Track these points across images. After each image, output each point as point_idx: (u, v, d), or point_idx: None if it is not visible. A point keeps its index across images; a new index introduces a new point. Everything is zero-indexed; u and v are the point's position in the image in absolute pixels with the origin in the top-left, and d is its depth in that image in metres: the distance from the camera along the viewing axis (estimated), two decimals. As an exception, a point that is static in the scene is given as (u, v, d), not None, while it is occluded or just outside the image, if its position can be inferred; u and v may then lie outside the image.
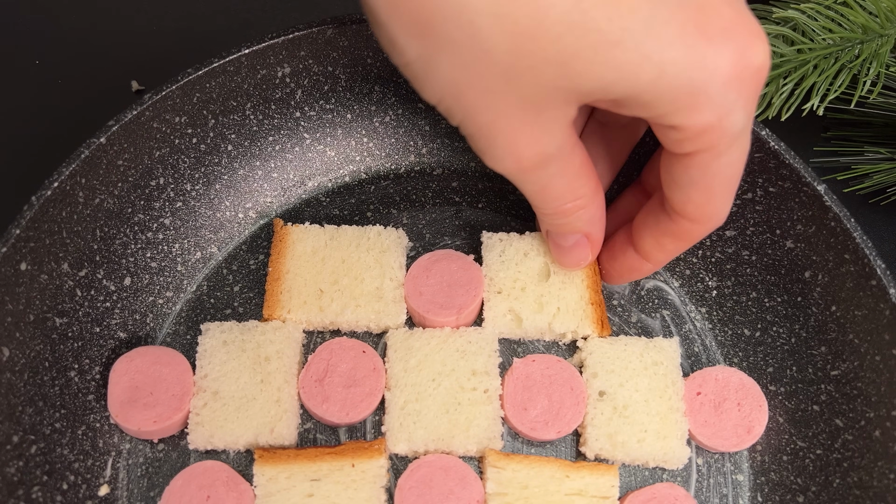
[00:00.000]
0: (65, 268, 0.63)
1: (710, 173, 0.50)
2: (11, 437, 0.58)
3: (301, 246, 0.70)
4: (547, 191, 0.54)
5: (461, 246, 0.74)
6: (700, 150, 0.48)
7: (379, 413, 0.67)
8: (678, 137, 0.48)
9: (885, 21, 0.70)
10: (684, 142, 0.48)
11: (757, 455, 0.67)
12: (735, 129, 0.47)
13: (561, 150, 0.50)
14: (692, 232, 0.56)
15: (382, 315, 0.68)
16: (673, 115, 0.46)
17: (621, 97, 0.46)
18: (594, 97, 0.46)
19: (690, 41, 0.43)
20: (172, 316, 0.70)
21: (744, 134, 0.48)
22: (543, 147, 0.49)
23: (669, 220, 0.56)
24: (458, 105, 0.47)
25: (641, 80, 0.44)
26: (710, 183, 0.51)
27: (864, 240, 0.62)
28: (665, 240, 0.58)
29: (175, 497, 0.61)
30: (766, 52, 0.45)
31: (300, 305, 0.68)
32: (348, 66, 0.71)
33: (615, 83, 0.44)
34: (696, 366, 0.71)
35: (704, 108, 0.45)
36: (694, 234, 0.56)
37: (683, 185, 0.51)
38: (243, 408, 0.64)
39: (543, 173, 0.51)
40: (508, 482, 0.62)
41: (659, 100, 0.45)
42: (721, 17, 0.44)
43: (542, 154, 0.49)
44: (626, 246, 0.63)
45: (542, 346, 0.70)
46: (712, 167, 0.49)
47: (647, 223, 0.59)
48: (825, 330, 0.65)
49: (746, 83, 0.45)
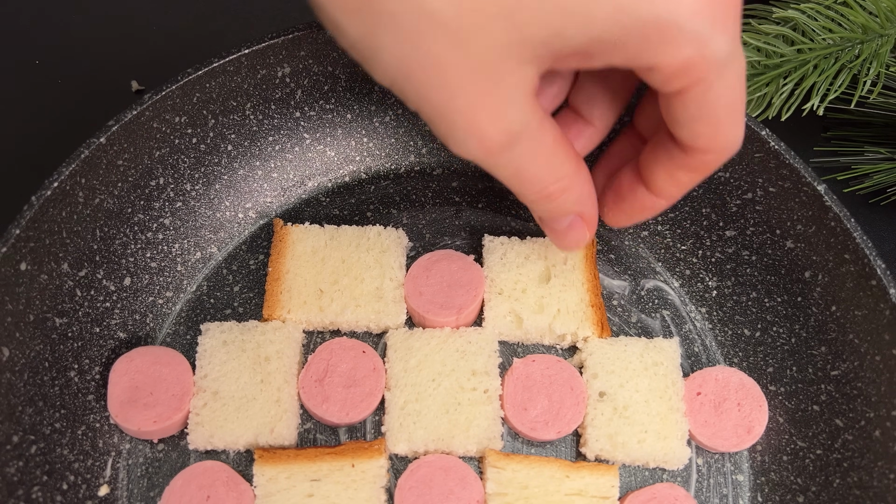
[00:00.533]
0: (65, 268, 0.63)
1: (709, 105, 0.46)
2: (11, 437, 0.58)
3: (301, 246, 0.70)
4: (523, 174, 0.50)
5: (461, 246, 0.74)
6: (690, 86, 0.45)
7: (379, 413, 0.67)
8: (661, 77, 0.45)
9: (885, 21, 0.70)
10: (670, 80, 0.45)
11: (757, 455, 0.67)
12: (720, 56, 0.43)
13: (528, 125, 0.46)
14: (709, 162, 0.51)
15: (382, 315, 0.68)
16: (645, 55, 0.43)
17: (581, 45, 0.42)
18: (552, 50, 0.43)
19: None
20: (172, 316, 0.70)
21: (733, 57, 0.44)
22: (508, 123, 0.45)
23: (683, 154, 0.51)
24: (410, 85, 0.44)
25: (597, 20, 0.41)
26: (713, 114, 0.47)
27: (864, 240, 0.62)
28: (680, 173, 0.53)
29: (175, 497, 0.61)
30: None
31: (300, 305, 0.68)
32: (348, 66, 0.71)
33: (567, 28, 0.41)
34: (696, 366, 0.71)
35: (678, 41, 0.42)
36: (712, 164, 0.52)
37: (686, 121, 0.48)
38: (243, 408, 0.64)
39: (514, 154, 0.48)
40: (508, 482, 0.62)
41: (624, 40, 0.42)
42: None
43: (508, 131, 0.46)
44: (635, 185, 0.57)
45: (542, 346, 0.70)
46: (709, 99, 0.46)
47: (659, 158, 0.54)
48: (825, 330, 0.65)
49: (720, 5, 0.42)
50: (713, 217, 0.72)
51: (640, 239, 0.76)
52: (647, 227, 0.75)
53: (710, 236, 0.72)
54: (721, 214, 0.71)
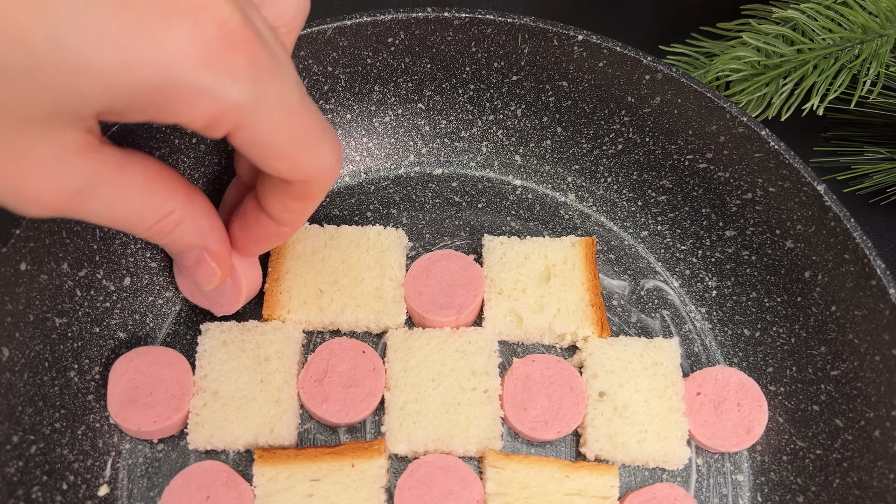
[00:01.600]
0: (64, 268, 0.63)
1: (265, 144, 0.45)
2: (11, 437, 0.58)
3: (301, 246, 0.70)
4: (118, 218, 0.47)
5: (461, 246, 0.74)
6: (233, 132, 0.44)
7: (379, 413, 0.67)
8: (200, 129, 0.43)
9: (885, 21, 0.70)
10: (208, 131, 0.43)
11: (757, 455, 0.67)
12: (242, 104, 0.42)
13: (97, 176, 0.44)
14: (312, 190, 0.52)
15: (382, 315, 0.68)
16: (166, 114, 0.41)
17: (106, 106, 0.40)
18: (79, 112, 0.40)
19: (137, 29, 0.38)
20: (172, 316, 0.70)
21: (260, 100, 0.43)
22: (65, 183, 0.43)
23: (285, 185, 0.51)
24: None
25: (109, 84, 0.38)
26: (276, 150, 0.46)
27: (864, 240, 0.62)
28: (289, 202, 0.53)
29: (175, 497, 0.61)
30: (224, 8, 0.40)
31: (300, 305, 0.68)
32: (348, 66, 0.71)
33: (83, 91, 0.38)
34: (696, 366, 0.71)
35: (190, 100, 0.40)
36: (315, 190, 0.52)
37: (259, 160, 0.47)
38: (243, 408, 0.64)
39: (96, 204, 0.45)
40: (508, 482, 0.62)
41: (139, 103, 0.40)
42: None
43: (69, 189, 0.43)
44: (258, 213, 0.56)
45: (542, 346, 0.70)
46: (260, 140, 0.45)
47: (269, 189, 0.54)
48: (825, 330, 0.65)
49: (221, 55, 0.40)
50: (713, 217, 0.72)
51: (640, 239, 0.76)
52: (647, 227, 0.75)
53: (710, 236, 0.72)
54: (721, 214, 0.71)
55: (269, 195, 0.54)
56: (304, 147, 0.48)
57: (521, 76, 0.73)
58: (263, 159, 0.47)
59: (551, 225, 0.76)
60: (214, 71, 0.40)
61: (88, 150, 0.43)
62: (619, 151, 0.74)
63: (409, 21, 0.68)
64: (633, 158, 0.74)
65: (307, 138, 0.48)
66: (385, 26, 0.69)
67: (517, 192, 0.78)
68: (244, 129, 0.44)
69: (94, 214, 0.46)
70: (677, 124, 0.70)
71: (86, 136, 0.43)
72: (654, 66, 0.67)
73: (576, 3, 0.97)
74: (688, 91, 0.67)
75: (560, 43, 0.69)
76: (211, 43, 0.39)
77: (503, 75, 0.73)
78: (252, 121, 0.43)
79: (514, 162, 0.78)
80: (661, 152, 0.72)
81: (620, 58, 0.68)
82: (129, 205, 0.47)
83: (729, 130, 0.67)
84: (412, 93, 0.75)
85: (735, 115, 0.66)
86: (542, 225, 0.76)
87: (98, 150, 0.44)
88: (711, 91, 0.66)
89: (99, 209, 0.46)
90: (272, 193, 0.53)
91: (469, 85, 0.74)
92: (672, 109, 0.69)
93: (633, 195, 0.76)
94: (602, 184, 0.76)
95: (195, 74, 0.39)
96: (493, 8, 0.69)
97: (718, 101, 0.66)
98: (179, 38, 0.39)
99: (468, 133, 0.77)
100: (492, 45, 0.70)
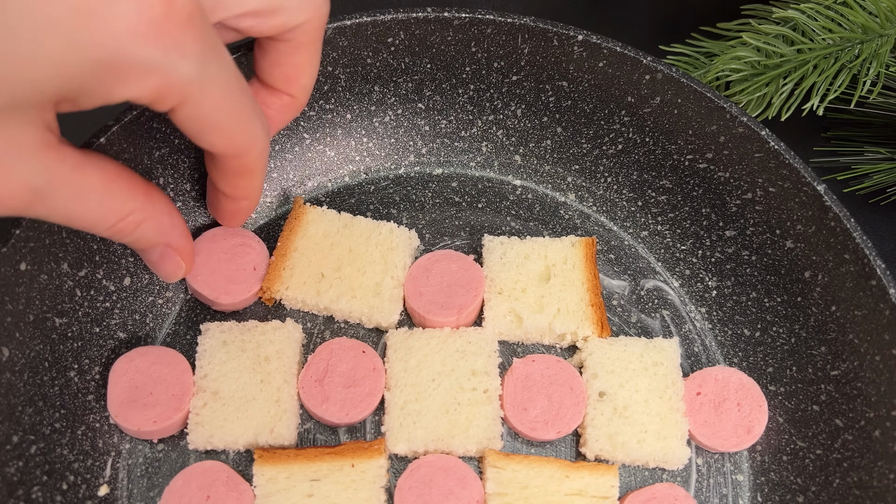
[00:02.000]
0: (64, 268, 0.63)
1: (205, 120, 0.47)
2: (11, 437, 0.58)
3: (314, 227, 0.71)
4: (76, 218, 0.48)
5: (461, 246, 0.74)
6: (177, 107, 0.45)
7: (379, 413, 0.67)
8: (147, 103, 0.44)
9: (884, 21, 0.70)
10: (155, 105, 0.45)
11: (757, 455, 0.67)
12: (189, 78, 0.43)
13: (55, 176, 0.44)
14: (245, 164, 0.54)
15: (376, 311, 0.68)
16: (117, 91, 0.42)
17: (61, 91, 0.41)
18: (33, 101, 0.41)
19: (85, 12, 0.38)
20: (172, 316, 0.70)
21: (206, 74, 0.44)
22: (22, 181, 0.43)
23: (223, 162, 0.54)
24: None
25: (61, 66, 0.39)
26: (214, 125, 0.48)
27: (864, 240, 0.62)
28: (231, 179, 0.57)
29: (175, 497, 0.61)
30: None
31: (299, 285, 0.68)
32: (348, 66, 0.71)
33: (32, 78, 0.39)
34: (696, 366, 0.71)
35: (137, 75, 0.41)
36: (249, 165, 0.54)
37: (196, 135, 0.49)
38: (243, 408, 0.64)
39: (53, 204, 0.45)
40: (508, 482, 0.62)
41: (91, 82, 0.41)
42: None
43: (27, 188, 0.43)
44: (216, 193, 0.61)
45: (542, 346, 0.70)
46: (202, 114, 0.47)
47: (213, 169, 0.57)
48: (825, 330, 0.65)
49: (169, 32, 0.41)
50: (713, 217, 0.72)
51: (640, 239, 0.76)
52: (647, 227, 0.75)
53: (710, 236, 0.72)
54: (721, 214, 0.71)
55: (215, 176, 0.58)
56: (240, 123, 0.50)
57: (521, 76, 0.73)
58: (201, 134, 0.49)
59: (551, 225, 0.76)
60: (163, 47, 0.41)
61: (46, 149, 0.44)
62: (619, 151, 0.74)
63: (409, 21, 0.68)
64: (633, 158, 0.74)
65: (244, 115, 0.50)
66: (385, 26, 0.69)
67: (517, 192, 0.78)
68: (187, 104, 0.45)
69: (50, 214, 0.46)
70: (677, 124, 0.70)
71: (44, 134, 0.43)
72: (654, 66, 0.67)
73: (576, 3, 0.97)
74: (688, 91, 0.67)
75: (560, 43, 0.69)
76: (158, 20, 0.40)
77: (503, 75, 0.73)
78: (196, 97, 0.45)
79: (514, 162, 0.78)
80: (661, 152, 0.72)
81: (620, 58, 0.68)
82: (87, 205, 0.48)
83: (729, 130, 0.67)
84: (412, 93, 0.75)
85: (735, 115, 0.66)
86: (542, 225, 0.76)
87: (57, 148, 0.44)
88: (711, 91, 0.66)
89: (56, 209, 0.46)
90: (217, 174, 0.57)
91: (469, 85, 0.74)
92: (672, 109, 0.69)
93: (633, 195, 0.76)
94: (602, 184, 0.76)
95: (143, 50, 0.40)
96: (493, 8, 0.69)
97: (718, 101, 0.66)
98: (127, 15, 0.39)
99: (468, 133, 0.77)
100: (492, 45, 0.70)
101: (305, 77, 0.58)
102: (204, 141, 0.50)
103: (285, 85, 0.58)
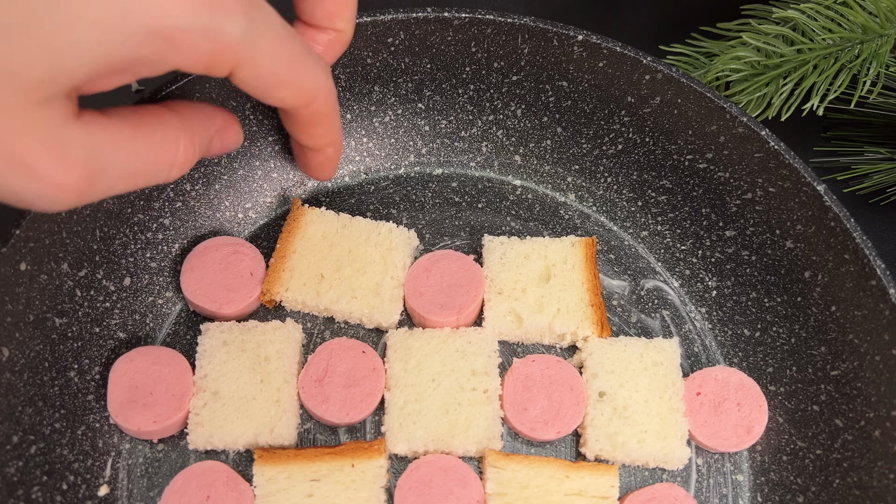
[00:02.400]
0: (64, 268, 0.63)
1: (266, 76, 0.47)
2: (11, 437, 0.58)
3: (313, 229, 0.71)
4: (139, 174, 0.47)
5: (461, 246, 0.74)
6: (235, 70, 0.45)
7: (379, 413, 0.67)
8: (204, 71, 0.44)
9: (884, 21, 0.70)
10: (212, 71, 0.44)
11: (757, 455, 0.67)
12: (240, 38, 0.43)
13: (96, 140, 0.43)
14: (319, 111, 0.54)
15: (376, 311, 0.68)
16: (169, 62, 0.42)
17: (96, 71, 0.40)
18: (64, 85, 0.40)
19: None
20: (172, 316, 0.70)
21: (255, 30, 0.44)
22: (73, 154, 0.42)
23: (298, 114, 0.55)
24: None
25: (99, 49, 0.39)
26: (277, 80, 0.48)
27: (864, 240, 0.62)
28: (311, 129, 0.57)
29: (175, 497, 0.61)
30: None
31: (299, 286, 0.68)
32: (347, 66, 0.71)
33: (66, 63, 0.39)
34: (696, 366, 0.71)
35: (190, 42, 0.41)
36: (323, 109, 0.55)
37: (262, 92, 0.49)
38: (243, 408, 0.64)
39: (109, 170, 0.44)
40: (508, 482, 0.62)
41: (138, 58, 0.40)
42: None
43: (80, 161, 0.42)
44: (302, 149, 0.62)
45: (542, 346, 0.70)
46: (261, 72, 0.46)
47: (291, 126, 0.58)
48: (825, 330, 0.65)
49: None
50: (713, 217, 0.72)
51: (640, 239, 0.76)
52: (647, 227, 0.75)
53: (710, 236, 0.72)
54: (721, 214, 0.71)
55: (295, 132, 0.58)
56: (300, 70, 0.50)
57: (521, 76, 0.73)
58: (266, 91, 0.49)
59: (551, 225, 0.76)
60: (209, 9, 0.41)
61: (76, 117, 0.42)
62: (619, 151, 0.74)
63: (409, 21, 0.68)
64: (633, 158, 0.74)
65: (301, 62, 0.49)
66: (385, 26, 0.69)
67: (517, 192, 0.78)
68: (244, 65, 0.45)
69: (114, 182, 0.45)
70: (677, 124, 0.70)
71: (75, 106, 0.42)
72: (654, 66, 0.67)
73: (576, 3, 0.97)
74: (688, 91, 0.67)
75: (560, 43, 0.69)
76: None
77: (503, 75, 0.73)
78: (251, 55, 0.45)
79: (514, 162, 0.78)
80: (661, 152, 0.72)
81: (620, 58, 0.68)
82: (139, 155, 0.46)
83: (729, 130, 0.67)
84: (412, 93, 0.75)
85: (735, 115, 0.66)
86: (542, 225, 0.76)
87: (82, 114, 0.43)
88: (711, 91, 0.66)
89: (115, 173, 0.44)
90: (295, 129, 0.57)
91: (469, 85, 0.74)
92: (672, 109, 0.69)
93: (633, 195, 0.76)
94: (602, 184, 0.76)
95: (191, 15, 0.40)
96: (493, 8, 0.69)
97: (718, 101, 0.66)
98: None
99: (468, 133, 0.77)
100: (492, 45, 0.70)
101: (349, 9, 0.57)
102: (271, 97, 0.50)
103: (329, 21, 0.56)
